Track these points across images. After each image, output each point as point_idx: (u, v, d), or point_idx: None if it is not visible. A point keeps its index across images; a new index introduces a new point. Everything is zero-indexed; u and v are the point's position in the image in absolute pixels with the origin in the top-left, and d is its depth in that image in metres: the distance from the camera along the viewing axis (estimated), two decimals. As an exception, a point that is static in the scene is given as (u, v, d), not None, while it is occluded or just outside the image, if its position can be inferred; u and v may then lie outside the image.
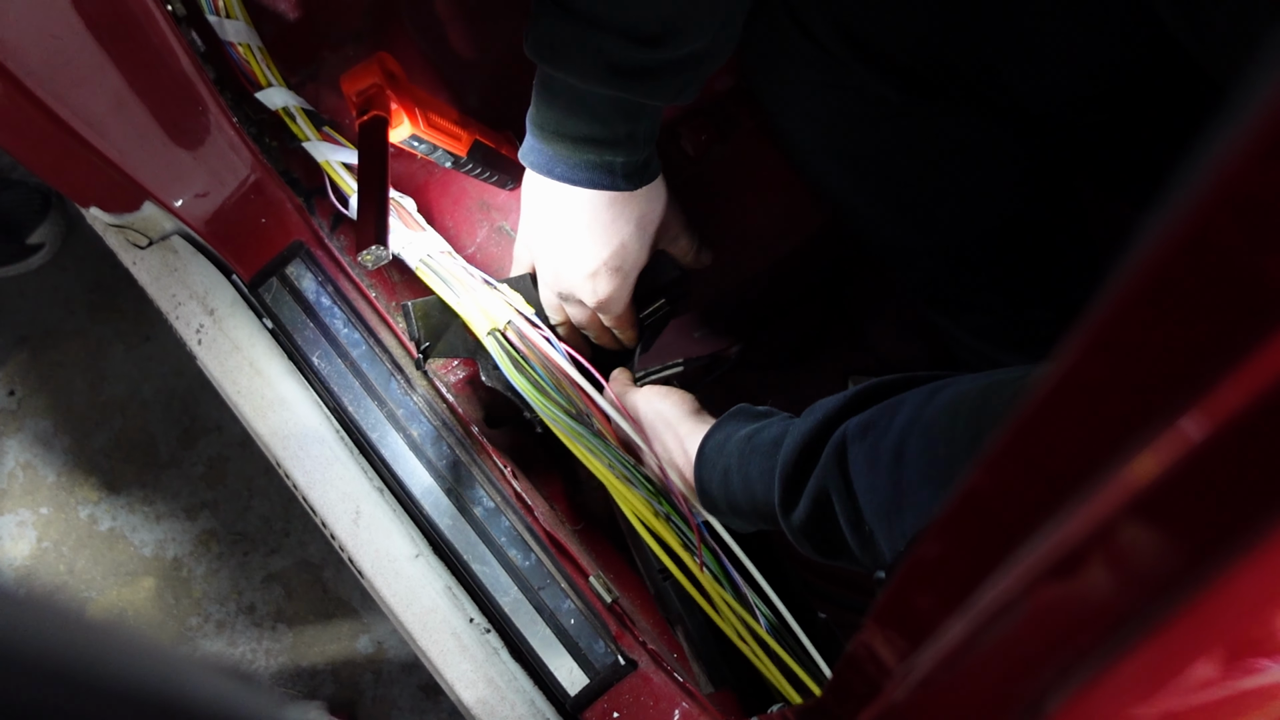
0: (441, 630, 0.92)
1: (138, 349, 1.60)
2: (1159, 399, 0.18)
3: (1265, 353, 0.16)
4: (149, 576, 1.51)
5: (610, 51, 0.73)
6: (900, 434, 0.58)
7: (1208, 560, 0.19)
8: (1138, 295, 0.17)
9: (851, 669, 0.37)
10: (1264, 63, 0.15)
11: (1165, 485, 0.19)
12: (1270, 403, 0.16)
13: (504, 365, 0.84)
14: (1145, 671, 0.21)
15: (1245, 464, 0.17)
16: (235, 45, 0.92)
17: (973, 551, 0.24)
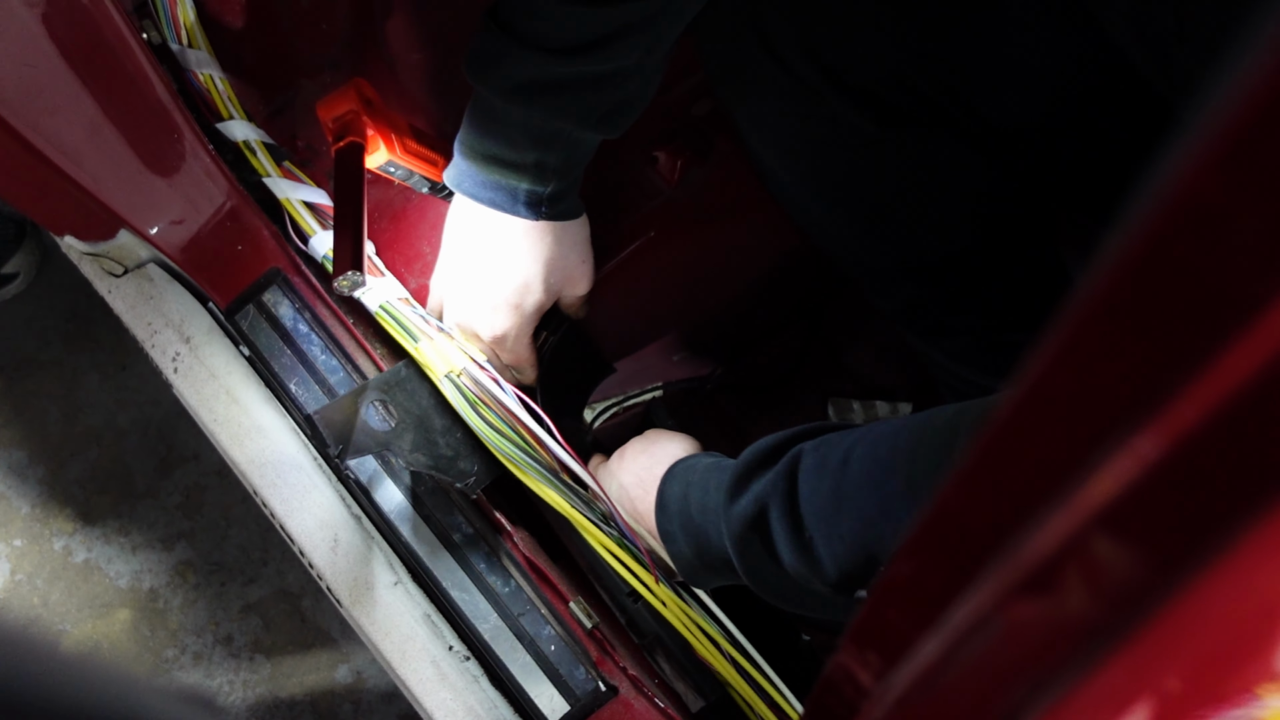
0: (421, 659, 0.91)
1: (114, 378, 1.59)
2: (1120, 414, 0.18)
3: (1219, 366, 0.16)
4: (124, 608, 1.49)
5: (528, 66, 0.74)
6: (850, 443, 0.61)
7: (1174, 571, 0.19)
8: (1095, 311, 0.17)
9: (829, 691, 0.37)
10: (1216, 77, 0.15)
11: (1129, 499, 0.19)
12: (1226, 416, 0.16)
13: (461, 408, 0.84)
14: (1117, 685, 0.21)
15: (1204, 475, 0.18)
16: (197, 74, 0.92)
17: (944, 569, 0.24)
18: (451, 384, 0.85)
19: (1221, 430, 0.17)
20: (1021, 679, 0.23)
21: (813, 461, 0.64)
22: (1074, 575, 0.21)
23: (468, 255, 0.84)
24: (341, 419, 0.85)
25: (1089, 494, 0.19)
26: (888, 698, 0.30)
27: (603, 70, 0.75)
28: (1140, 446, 0.18)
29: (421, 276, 0.99)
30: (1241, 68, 0.14)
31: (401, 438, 0.87)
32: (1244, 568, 0.18)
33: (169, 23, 0.93)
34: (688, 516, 0.76)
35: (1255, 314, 0.15)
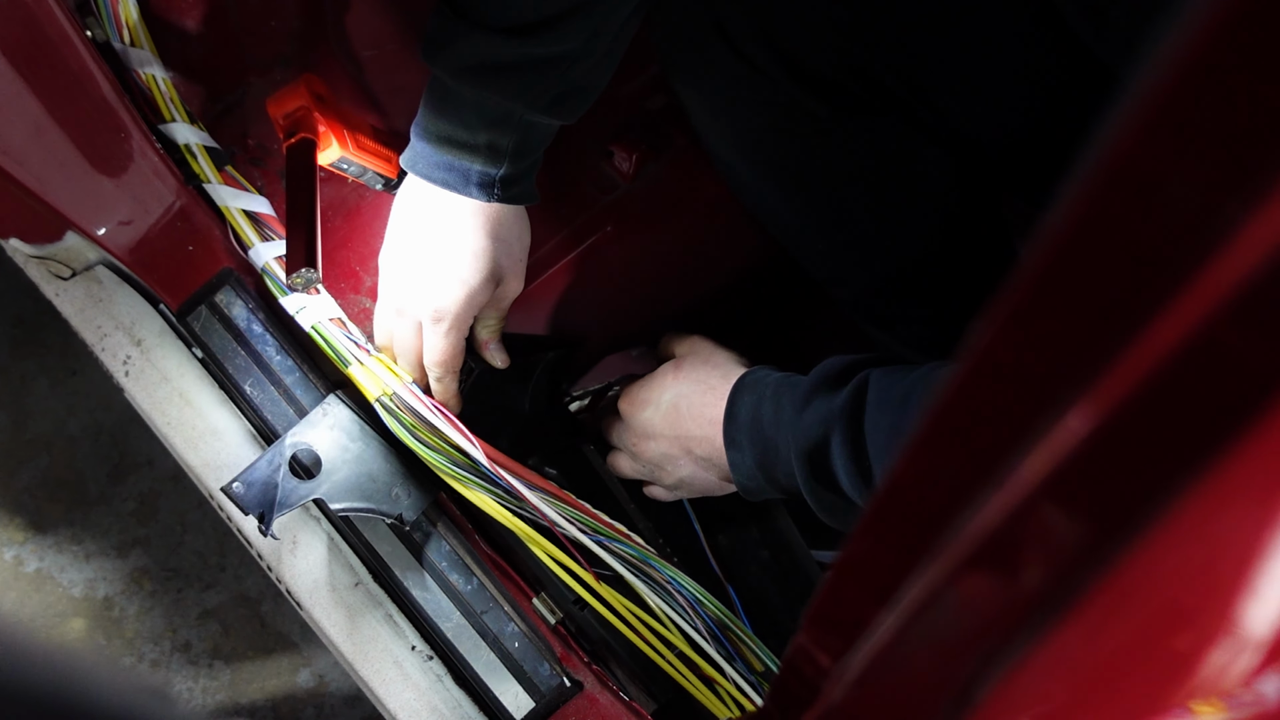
0: (383, 659, 0.91)
1: (63, 384, 1.56)
2: (1056, 387, 0.18)
3: (1148, 337, 0.16)
4: (79, 617, 1.46)
5: (477, 47, 0.74)
6: (911, 383, 0.65)
7: (1114, 538, 0.19)
8: (1030, 289, 0.18)
9: (791, 673, 0.37)
10: (1142, 51, 0.15)
11: (1067, 470, 0.19)
12: (1157, 383, 0.17)
13: (394, 428, 0.83)
14: (1064, 651, 0.22)
15: (1138, 445, 0.18)
16: (140, 74, 0.90)
17: (896, 547, 0.25)
18: (383, 407, 0.83)
19: (1152, 400, 0.17)
20: (974, 651, 0.24)
21: (876, 395, 0.68)
22: (1019, 547, 0.21)
23: (415, 233, 0.83)
24: (262, 479, 0.83)
25: (1029, 467, 0.20)
26: (847, 677, 0.30)
27: (550, 53, 0.75)
28: (1074, 419, 0.18)
29: (377, 274, 0.98)
30: (1163, 43, 0.14)
31: (328, 481, 0.86)
32: (1179, 532, 0.19)
33: (110, 20, 0.92)
34: (758, 428, 0.79)
35: (1181, 285, 0.15)
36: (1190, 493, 0.18)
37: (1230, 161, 0.14)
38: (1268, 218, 0.14)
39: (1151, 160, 0.15)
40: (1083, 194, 0.16)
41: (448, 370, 0.85)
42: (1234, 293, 0.15)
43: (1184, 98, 0.14)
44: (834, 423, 0.71)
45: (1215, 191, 0.14)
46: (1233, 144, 0.14)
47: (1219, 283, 0.15)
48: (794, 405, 0.76)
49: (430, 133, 0.80)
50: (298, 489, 0.85)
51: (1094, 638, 0.21)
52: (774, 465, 0.78)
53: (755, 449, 0.79)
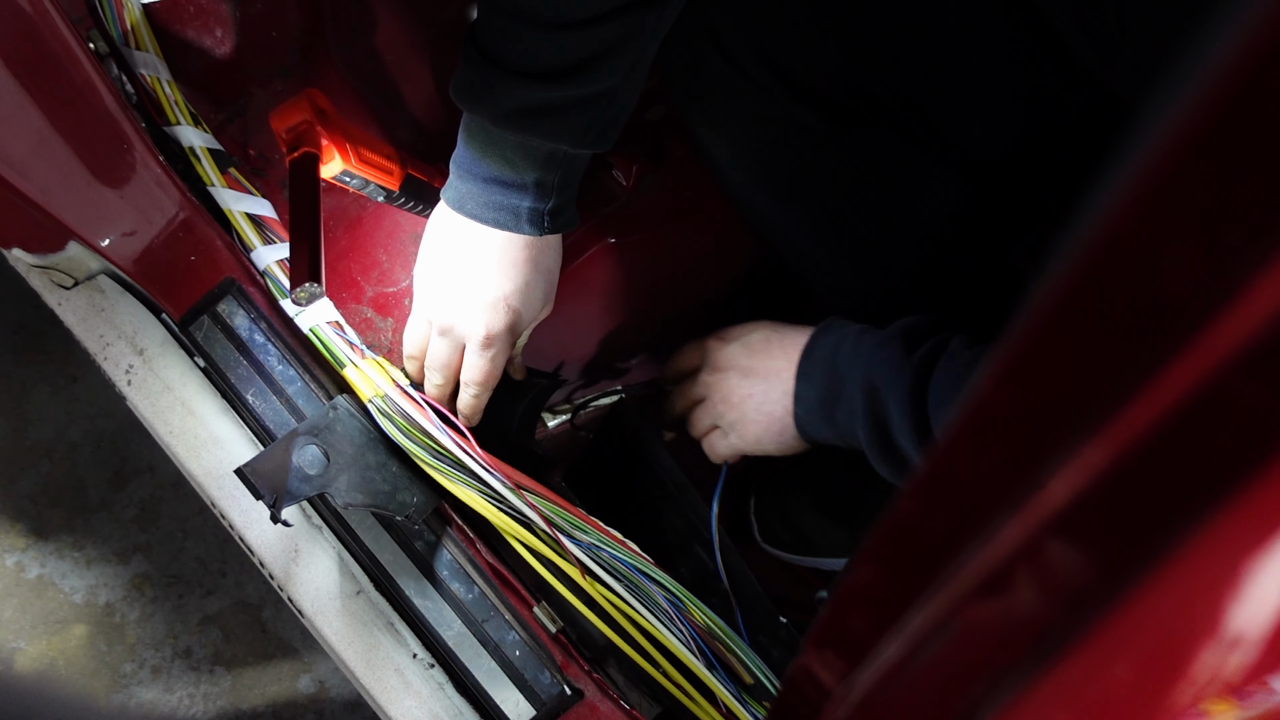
0: (385, 667, 0.91)
1: (65, 391, 1.56)
2: (1068, 425, 0.19)
3: (1162, 380, 0.17)
4: (80, 624, 1.46)
5: (516, 93, 0.74)
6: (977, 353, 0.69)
7: (1120, 574, 0.20)
8: (1044, 326, 0.18)
9: (792, 692, 0.38)
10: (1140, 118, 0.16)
11: (1079, 505, 0.19)
12: (1169, 425, 0.17)
13: (389, 429, 0.84)
14: (1068, 683, 0.22)
15: (1150, 483, 0.18)
16: (144, 77, 0.91)
17: (903, 574, 0.25)
18: (376, 409, 0.84)
19: (1161, 445, 0.18)
20: (979, 679, 0.24)
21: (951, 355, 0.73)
22: (1026, 578, 0.22)
23: (464, 263, 0.83)
24: (273, 468, 0.84)
25: (1041, 501, 0.20)
26: (850, 698, 0.31)
27: (590, 91, 0.75)
28: (1085, 460, 0.19)
29: (379, 284, 0.98)
30: (1155, 121, 0.15)
31: (337, 479, 0.86)
32: (1187, 571, 0.19)
33: (115, 23, 0.92)
34: (832, 363, 0.82)
35: (1195, 333, 0.16)
36: (1202, 532, 0.18)
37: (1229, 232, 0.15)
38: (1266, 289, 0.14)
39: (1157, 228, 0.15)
40: (1094, 248, 0.17)
41: (486, 389, 0.87)
42: (1241, 344, 0.15)
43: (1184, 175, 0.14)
44: (903, 369, 0.74)
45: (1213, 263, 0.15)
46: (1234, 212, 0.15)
47: (1226, 335, 0.15)
48: (871, 346, 0.80)
49: (474, 174, 0.80)
50: (308, 480, 0.85)
51: (1097, 671, 0.21)
52: (836, 401, 0.81)
53: (824, 382, 0.82)
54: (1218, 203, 0.15)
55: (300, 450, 0.85)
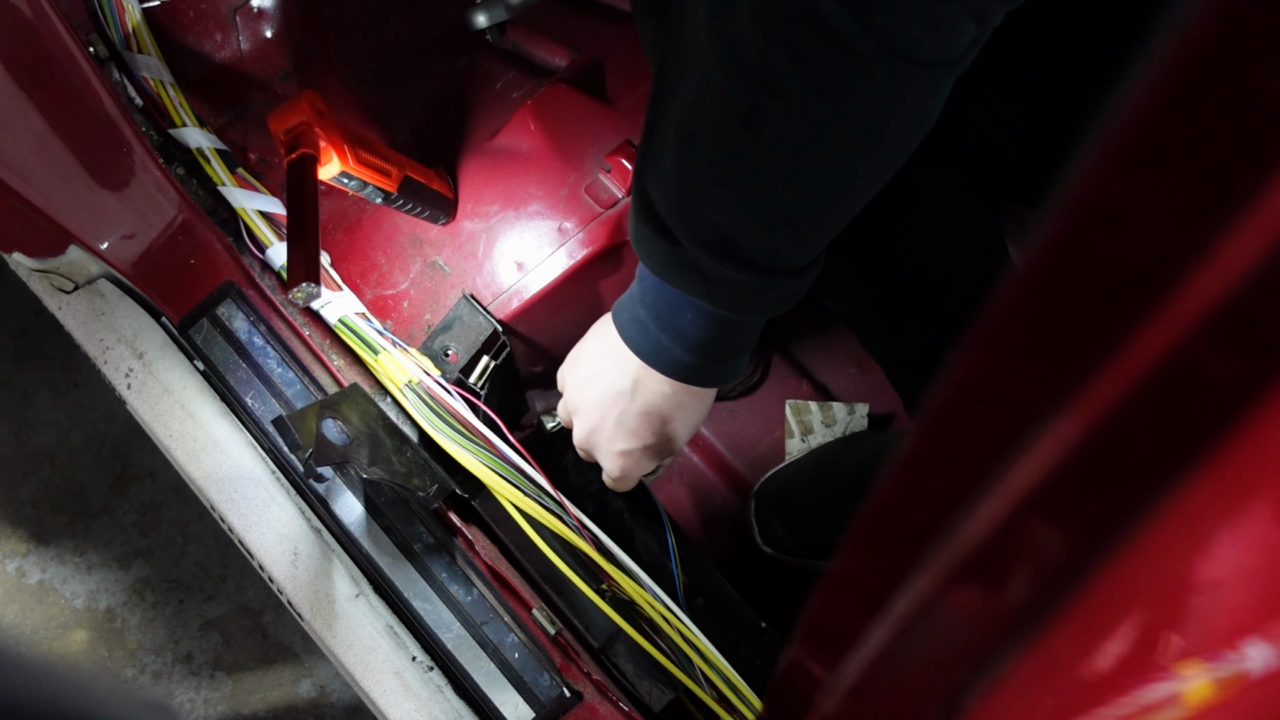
0: (384, 670, 0.91)
1: (65, 396, 1.57)
2: (1039, 401, 0.19)
3: (1130, 349, 0.17)
4: (81, 629, 1.46)
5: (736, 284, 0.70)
6: None
7: (1094, 547, 0.20)
8: (1014, 306, 0.18)
9: (784, 684, 0.38)
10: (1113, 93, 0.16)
11: (1052, 480, 0.20)
12: (1139, 395, 0.17)
13: (424, 414, 0.85)
14: (1048, 659, 0.22)
15: (1121, 456, 0.18)
16: (148, 80, 0.92)
17: (887, 561, 0.25)
18: (413, 393, 0.86)
19: (1130, 417, 0.18)
20: (963, 661, 0.24)
21: None
22: (1004, 557, 0.22)
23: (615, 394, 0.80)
24: (304, 427, 0.86)
25: (1012, 483, 0.20)
26: (840, 687, 0.31)
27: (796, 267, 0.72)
28: (1057, 436, 0.19)
29: (378, 287, 0.99)
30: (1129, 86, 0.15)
31: (359, 452, 0.87)
32: (1158, 542, 0.19)
33: (116, 27, 0.93)
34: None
35: (1160, 302, 0.16)
36: (1177, 500, 0.18)
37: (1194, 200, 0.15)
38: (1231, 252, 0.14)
39: (1123, 194, 0.15)
40: (1061, 223, 0.17)
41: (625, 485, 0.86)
42: (1208, 314, 0.16)
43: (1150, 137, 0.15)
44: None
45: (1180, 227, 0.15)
46: (1198, 182, 0.15)
47: (1192, 306, 0.16)
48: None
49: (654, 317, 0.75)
50: (333, 448, 0.86)
51: (1074, 646, 0.22)
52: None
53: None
54: (1179, 172, 0.15)
55: (324, 420, 0.86)
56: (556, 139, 0.99)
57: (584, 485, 0.98)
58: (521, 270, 0.97)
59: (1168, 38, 0.14)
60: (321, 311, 0.91)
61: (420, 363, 0.89)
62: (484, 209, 0.99)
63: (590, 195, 0.97)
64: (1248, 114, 0.14)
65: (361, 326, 0.90)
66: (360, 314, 0.92)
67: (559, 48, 1.09)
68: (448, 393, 0.87)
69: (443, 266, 0.99)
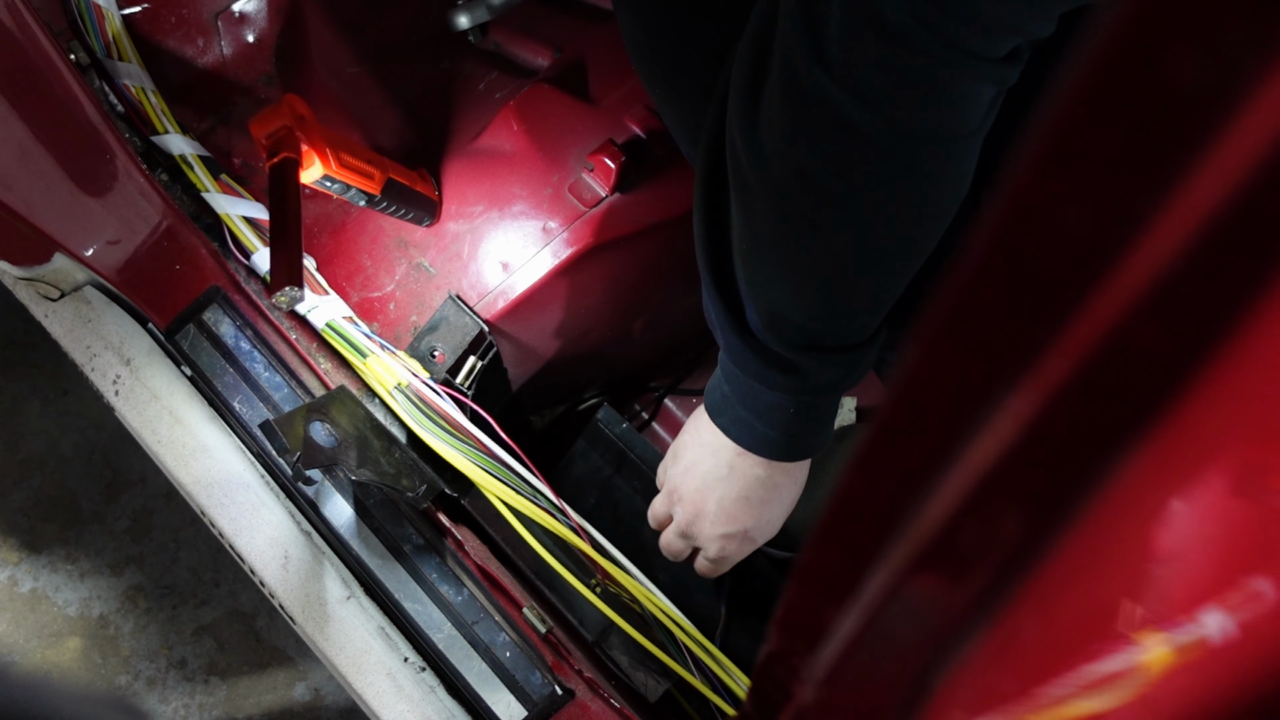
0: (376, 671, 0.91)
1: (54, 404, 1.57)
2: (989, 386, 0.19)
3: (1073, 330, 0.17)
4: (74, 636, 1.46)
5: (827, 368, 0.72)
6: None
7: (1048, 524, 0.20)
8: (965, 287, 0.19)
9: (765, 676, 0.38)
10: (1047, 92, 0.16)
11: (1004, 463, 0.20)
12: (1085, 374, 0.18)
13: (414, 415, 0.86)
14: (1009, 637, 0.23)
15: (1070, 434, 0.19)
16: (129, 88, 0.92)
17: (855, 549, 0.25)
18: (403, 395, 0.87)
19: (1074, 398, 0.18)
20: (929, 644, 0.25)
21: None
22: (964, 541, 0.22)
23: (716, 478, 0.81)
24: (292, 431, 0.86)
25: (969, 462, 0.21)
26: (815, 676, 0.31)
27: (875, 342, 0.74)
28: (1005, 421, 0.19)
29: (364, 289, 0.99)
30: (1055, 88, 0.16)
31: (347, 454, 0.87)
32: (1116, 514, 0.19)
33: (97, 35, 0.93)
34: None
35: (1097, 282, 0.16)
36: (1121, 474, 0.19)
37: (1118, 190, 0.15)
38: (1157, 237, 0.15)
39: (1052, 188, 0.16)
40: (998, 218, 0.17)
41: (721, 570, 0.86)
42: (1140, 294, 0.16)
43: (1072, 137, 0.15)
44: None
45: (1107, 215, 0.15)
46: (1119, 172, 0.15)
47: (1125, 288, 0.16)
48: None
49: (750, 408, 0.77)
50: (322, 450, 0.86)
51: (1033, 623, 0.22)
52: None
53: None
54: (1105, 158, 0.15)
55: (311, 425, 0.87)
56: (539, 139, 0.99)
57: (591, 473, 0.98)
58: (507, 270, 0.97)
59: (1090, 35, 0.15)
60: (308, 316, 0.91)
61: (409, 365, 0.89)
62: (468, 210, 0.99)
63: (574, 194, 0.97)
64: (1167, 104, 0.15)
65: (349, 330, 0.90)
66: (348, 318, 0.92)
67: (541, 48, 1.09)
68: (437, 394, 0.87)
69: (428, 268, 0.99)
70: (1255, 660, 0.17)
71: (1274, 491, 0.17)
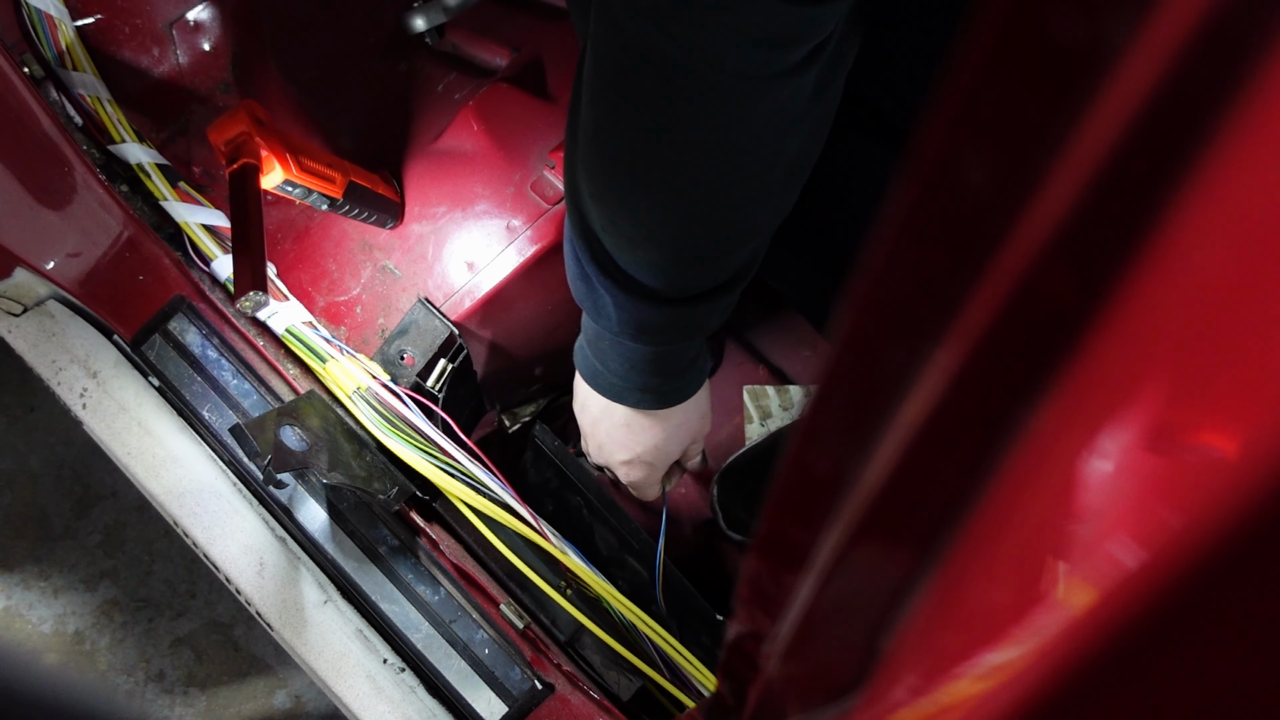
0: (356, 674, 0.92)
1: (21, 420, 1.55)
2: (916, 341, 0.20)
3: (987, 280, 0.18)
4: (50, 653, 1.45)
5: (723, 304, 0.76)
6: None
7: (974, 476, 0.21)
8: (886, 248, 0.20)
9: (734, 654, 0.39)
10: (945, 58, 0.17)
11: (932, 419, 0.21)
12: (1002, 323, 0.19)
13: (373, 419, 0.86)
14: (947, 595, 0.24)
15: (992, 383, 0.20)
16: (85, 98, 0.92)
17: (804, 518, 0.26)
18: (362, 399, 0.87)
19: (989, 348, 0.19)
20: (876, 607, 0.26)
21: None
22: (900, 501, 0.23)
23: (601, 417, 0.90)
24: (262, 435, 0.86)
25: (896, 431, 0.21)
26: (777, 649, 0.32)
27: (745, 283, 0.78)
28: (931, 376, 0.20)
29: (330, 294, 0.99)
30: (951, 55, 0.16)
31: (318, 457, 0.87)
32: (1031, 466, 0.20)
33: (50, 46, 0.92)
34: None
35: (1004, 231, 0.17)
36: (1037, 422, 0.20)
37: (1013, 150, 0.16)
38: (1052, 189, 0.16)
39: (956, 147, 0.17)
40: (911, 179, 0.18)
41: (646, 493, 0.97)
42: (1046, 240, 0.17)
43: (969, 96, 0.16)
44: None
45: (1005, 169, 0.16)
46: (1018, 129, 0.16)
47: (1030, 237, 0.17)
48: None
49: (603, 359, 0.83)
50: (293, 454, 0.87)
51: (970, 577, 0.23)
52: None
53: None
54: (1003, 114, 0.16)
55: (282, 429, 0.87)
56: (500, 138, 1.00)
57: (543, 484, 0.99)
58: (472, 270, 0.97)
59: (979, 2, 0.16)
60: (268, 322, 0.91)
61: (369, 368, 0.90)
62: (431, 211, 0.99)
63: (536, 192, 0.98)
64: (1052, 61, 0.16)
65: (308, 335, 0.91)
66: (308, 323, 0.92)
67: (498, 48, 1.09)
68: (399, 398, 0.88)
69: (393, 270, 0.99)
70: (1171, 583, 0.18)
71: (1187, 447, 0.18)
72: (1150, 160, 0.15)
